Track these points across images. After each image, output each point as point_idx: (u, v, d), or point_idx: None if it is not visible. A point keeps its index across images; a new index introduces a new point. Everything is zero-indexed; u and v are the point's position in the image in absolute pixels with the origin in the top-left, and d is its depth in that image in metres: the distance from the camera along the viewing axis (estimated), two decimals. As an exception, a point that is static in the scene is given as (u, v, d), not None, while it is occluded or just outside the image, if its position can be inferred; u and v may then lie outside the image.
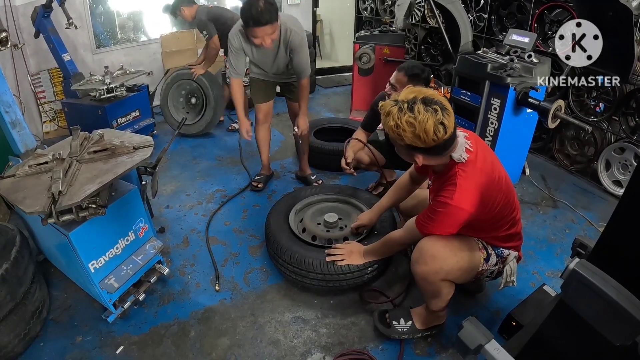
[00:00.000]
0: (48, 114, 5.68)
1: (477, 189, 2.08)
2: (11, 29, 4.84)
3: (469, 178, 2.08)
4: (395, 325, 2.58)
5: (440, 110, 1.93)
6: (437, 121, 1.92)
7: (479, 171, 2.10)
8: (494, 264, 2.41)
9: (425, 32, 6.19)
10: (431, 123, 1.92)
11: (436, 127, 1.93)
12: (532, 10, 4.44)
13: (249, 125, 3.88)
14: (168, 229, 3.69)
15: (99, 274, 2.57)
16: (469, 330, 1.74)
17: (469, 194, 2.07)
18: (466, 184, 2.07)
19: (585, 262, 1.45)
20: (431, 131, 1.92)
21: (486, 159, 2.18)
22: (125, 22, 6.46)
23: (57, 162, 2.46)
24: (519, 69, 3.53)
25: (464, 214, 2.09)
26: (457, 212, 2.09)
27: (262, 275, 3.18)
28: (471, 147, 2.13)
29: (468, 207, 2.08)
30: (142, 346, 2.61)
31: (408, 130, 1.95)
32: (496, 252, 2.41)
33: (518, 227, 2.44)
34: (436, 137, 1.94)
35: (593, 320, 1.45)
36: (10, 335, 2.42)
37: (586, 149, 4.34)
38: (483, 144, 2.28)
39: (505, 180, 2.24)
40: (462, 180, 2.07)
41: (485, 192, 2.11)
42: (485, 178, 2.11)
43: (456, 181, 2.07)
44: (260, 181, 4.37)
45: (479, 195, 2.08)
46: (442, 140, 1.97)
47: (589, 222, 3.72)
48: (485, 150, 2.22)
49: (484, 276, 2.45)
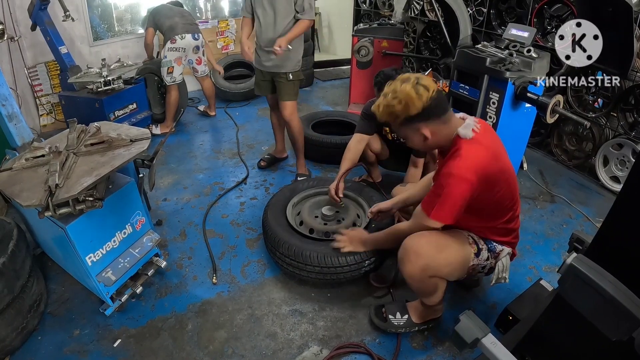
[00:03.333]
0: (45, 107, 5.65)
1: (480, 163, 2.08)
2: (8, 21, 4.81)
3: (473, 151, 2.09)
4: (392, 319, 2.58)
5: (414, 78, 2.10)
6: (413, 84, 2.07)
7: (484, 148, 2.12)
8: (486, 259, 2.39)
9: (424, 26, 6.17)
10: (409, 87, 2.06)
11: (415, 88, 2.05)
12: (532, 5, 4.43)
13: (250, 44, 3.93)
14: (165, 221, 3.69)
15: (96, 267, 2.56)
16: (465, 324, 1.75)
17: (472, 164, 2.07)
18: (470, 155, 2.08)
19: (582, 257, 1.46)
20: (413, 93, 2.04)
21: (493, 142, 2.21)
22: (123, 14, 6.42)
23: (54, 155, 2.45)
24: (518, 63, 3.53)
25: (467, 185, 2.06)
26: (460, 183, 2.07)
27: (259, 268, 3.18)
28: (479, 129, 2.16)
29: (471, 176, 2.05)
30: (140, 339, 2.61)
31: (394, 103, 2.09)
32: (489, 246, 2.39)
33: (516, 224, 2.43)
34: (420, 96, 2.05)
35: (590, 315, 1.45)
36: (7, 329, 2.42)
37: (584, 144, 4.35)
38: (492, 132, 2.32)
39: (509, 170, 2.25)
40: (466, 152, 2.09)
41: (489, 170, 2.11)
42: (489, 156, 2.12)
43: (460, 153, 2.10)
44: (265, 160, 4.66)
45: (482, 169, 2.08)
46: (429, 99, 2.06)
47: (586, 217, 3.73)
48: (493, 137, 2.26)
49: (476, 271, 2.44)
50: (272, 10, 3.65)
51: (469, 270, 2.38)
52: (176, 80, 5.33)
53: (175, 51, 5.21)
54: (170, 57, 5.21)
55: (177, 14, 5.29)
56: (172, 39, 5.15)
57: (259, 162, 4.64)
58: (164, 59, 5.23)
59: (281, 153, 4.71)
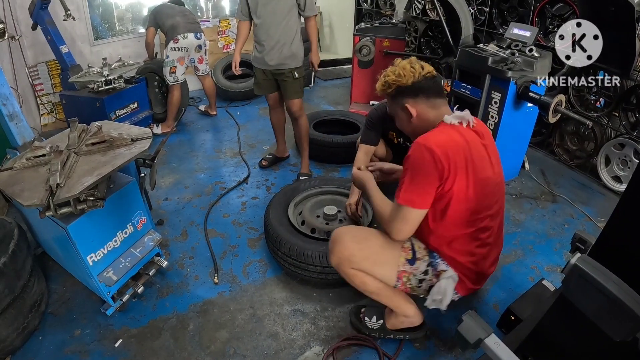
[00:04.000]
0: (46, 107, 5.66)
1: (447, 142, 2.02)
2: (8, 20, 4.82)
3: (446, 130, 2.10)
4: (367, 321, 2.57)
5: (415, 59, 2.21)
6: (411, 61, 2.19)
7: (460, 136, 2.08)
8: (423, 272, 2.24)
9: (425, 25, 6.16)
10: (406, 62, 2.19)
11: (412, 64, 2.17)
12: (534, 4, 4.41)
13: (238, 61, 4.05)
14: (167, 221, 3.69)
15: (97, 266, 2.56)
16: (468, 324, 1.74)
17: (437, 138, 2.03)
18: (441, 131, 2.10)
19: (586, 257, 1.45)
20: (408, 66, 2.16)
21: (475, 141, 2.13)
22: (124, 13, 6.42)
23: (55, 154, 2.45)
24: (520, 62, 3.53)
25: (429, 155, 1.96)
26: (425, 154, 1.97)
27: (261, 267, 3.17)
28: (471, 126, 2.16)
29: (436, 147, 1.96)
30: (141, 339, 2.61)
31: (390, 73, 2.20)
32: (431, 260, 2.24)
33: (480, 249, 2.23)
34: (413, 70, 2.15)
35: (593, 315, 1.44)
36: (8, 329, 2.42)
37: (586, 144, 4.33)
38: (489, 135, 2.27)
39: (485, 179, 2.11)
40: (438, 130, 2.12)
41: (455, 157, 1.99)
42: (460, 144, 2.04)
43: (432, 130, 2.13)
44: (267, 160, 4.66)
45: (447, 148, 1.99)
46: (422, 76, 2.15)
47: (588, 217, 3.72)
48: (482, 139, 2.17)
49: (412, 284, 2.28)
50: (273, 8, 3.65)
51: (400, 277, 2.26)
52: (178, 80, 5.34)
53: (177, 51, 5.21)
54: (172, 57, 5.21)
55: (178, 13, 5.28)
56: (174, 39, 5.14)
57: (260, 161, 4.64)
58: (166, 58, 5.23)
59: (282, 153, 4.70)
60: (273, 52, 3.76)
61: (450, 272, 2.21)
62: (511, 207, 3.83)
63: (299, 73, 3.87)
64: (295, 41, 3.78)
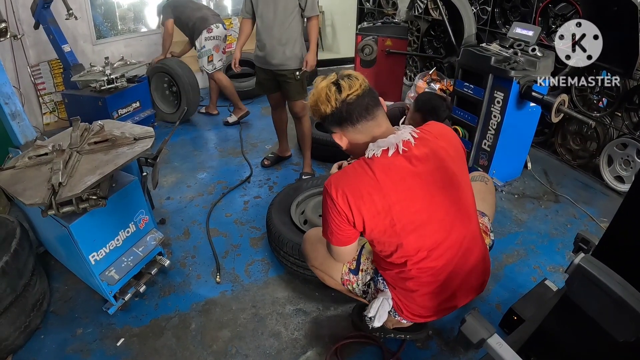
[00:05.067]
0: (48, 106, 5.67)
1: (348, 180, 1.83)
2: (10, 19, 4.82)
3: (352, 167, 1.88)
4: (367, 320, 2.54)
5: (343, 76, 1.90)
6: (329, 82, 1.89)
7: (370, 174, 1.82)
8: (365, 284, 2.22)
9: (427, 25, 6.16)
10: (325, 84, 1.89)
11: (329, 86, 1.86)
12: (536, 4, 4.41)
13: (238, 58, 4.09)
14: (169, 220, 3.69)
15: (99, 265, 2.57)
16: (471, 324, 1.73)
17: (337, 178, 1.86)
18: (346, 170, 1.89)
19: (590, 258, 1.44)
20: (324, 91, 1.86)
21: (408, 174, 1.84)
22: (126, 12, 6.44)
23: (57, 153, 2.45)
24: (523, 62, 3.52)
25: (329, 199, 1.85)
26: (327, 198, 1.87)
27: (263, 267, 3.17)
28: (401, 152, 1.84)
29: (331, 190, 1.82)
30: (143, 338, 2.61)
31: (310, 98, 1.95)
32: (376, 276, 2.18)
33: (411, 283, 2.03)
34: (329, 94, 1.85)
35: (597, 315, 1.44)
36: (10, 328, 2.43)
37: (588, 144, 4.32)
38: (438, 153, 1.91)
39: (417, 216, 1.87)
40: (351, 167, 1.88)
41: (365, 202, 1.80)
42: (364, 180, 1.82)
43: (346, 168, 1.92)
44: (269, 159, 4.66)
45: (345, 186, 1.81)
46: (339, 102, 1.84)
47: (591, 217, 3.71)
48: (416, 166, 1.85)
49: (355, 291, 2.27)
50: (275, 8, 3.64)
51: (344, 283, 2.28)
52: (217, 67, 5.44)
53: (213, 40, 5.31)
54: (209, 46, 5.29)
55: (202, 6, 5.42)
56: (208, 29, 5.23)
57: (262, 160, 4.64)
58: (202, 49, 5.31)
59: (285, 152, 4.69)
60: (275, 53, 3.75)
61: (387, 293, 2.12)
62: (514, 207, 3.83)
63: (300, 74, 3.86)
64: (298, 42, 3.78)
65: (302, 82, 3.91)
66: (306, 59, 3.81)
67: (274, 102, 4.24)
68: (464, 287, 2.11)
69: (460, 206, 1.98)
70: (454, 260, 2.00)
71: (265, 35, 3.75)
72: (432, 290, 2.03)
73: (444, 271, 1.99)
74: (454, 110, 4.12)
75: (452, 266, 2.00)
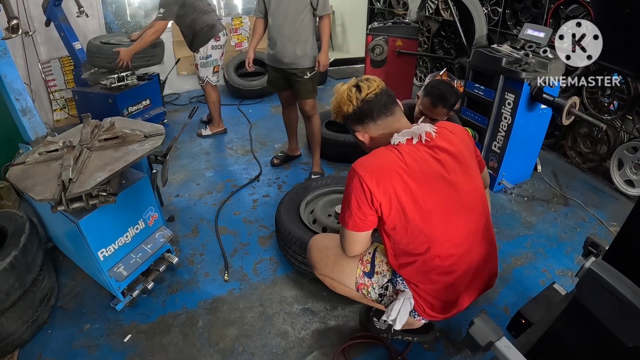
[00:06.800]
0: (58, 102, 5.69)
1: (383, 167, 1.90)
2: (22, 17, 4.84)
3: (383, 154, 1.95)
4: (376, 322, 2.54)
5: (362, 80, 2.07)
6: (350, 85, 2.07)
7: (399, 156, 1.91)
8: (383, 287, 2.19)
9: (438, 25, 6.15)
10: (346, 87, 2.07)
11: (349, 89, 2.05)
12: (548, 5, 4.39)
13: (252, 57, 4.05)
14: (177, 217, 3.70)
15: (108, 262, 2.58)
16: (479, 327, 1.73)
17: (373, 161, 1.92)
18: (379, 154, 1.95)
19: (601, 262, 1.44)
20: (345, 94, 2.04)
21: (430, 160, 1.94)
22: (136, 10, 6.47)
23: (68, 149, 2.46)
24: (534, 64, 3.50)
25: (356, 180, 1.89)
26: (354, 178, 1.90)
27: (271, 265, 3.18)
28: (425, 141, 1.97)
29: (364, 172, 1.87)
30: (150, 335, 2.62)
31: (332, 101, 2.12)
32: (393, 277, 2.16)
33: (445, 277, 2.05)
34: (350, 96, 2.03)
35: (607, 320, 1.43)
36: (18, 322, 2.44)
37: (599, 147, 4.30)
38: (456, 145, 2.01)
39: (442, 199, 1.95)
40: (378, 152, 1.97)
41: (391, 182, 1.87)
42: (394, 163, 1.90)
43: (374, 152, 1.99)
44: (278, 158, 4.66)
45: (376, 169, 1.89)
46: (359, 101, 2.02)
47: (600, 221, 3.69)
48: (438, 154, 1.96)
49: (370, 295, 2.23)
50: (287, 7, 3.66)
51: (359, 288, 2.23)
52: (218, 81, 5.11)
53: (219, 49, 4.93)
54: (216, 56, 4.91)
55: (211, 9, 4.91)
56: (216, 37, 4.83)
57: (272, 159, 4.65)
58: (208, 57, 4.88)
59: (294, 151, 4.70)
60: (286, 51, 3.76)
61: (408, 293, 2.11)
62: (523, 210, 3.81)
63: (311, 73, 3.87)
64: (309, 41, 3.79)
65: (312, 81, 3.92)
66: (318, 59, 3.81)
67: (284, 100, 4.26)
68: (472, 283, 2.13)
69: (476, 198, 2.06)
70: (471, 250, 2.06)
71: (276, 33, 3.76)
72: (452, 281, 2.05)
73: (463, 261, 2.03)
74: (463, 111, 4.11)
75: (469, 256, 2.05)
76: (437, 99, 3.02)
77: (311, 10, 3.73)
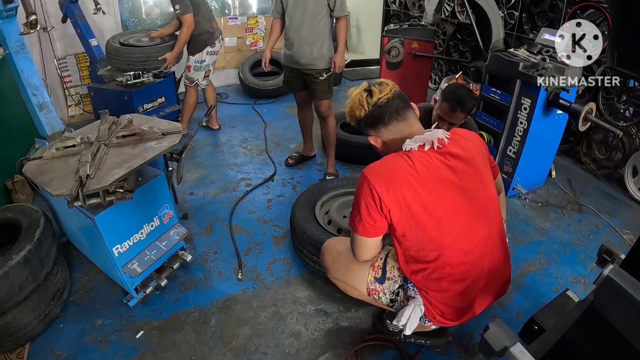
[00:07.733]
0: (74, 98, 5.74)
1: (387, 168, 1.91)
2: (38, 13, 4.87)
3: (394, 160, 1.93)
4: (389, 324, 2.53)
5: (374, 84, 2.05)
6: (362, 89, 2.06)
7: (410, 163, 1.89)
8: (394, 293, 2.19)
9: (454, 28, 6.13)
10: (358, 91, 2.06)
11: (361, 93, 2.03)
12: (565, 10, 4.37)
13: (268, 57, 4.05)
14: (192, 215, 3.71)
15: (122, 258, 2.60)
16: (494, 332, 1.72)
17: (384, 168, 1.91)
18: (390, 160, 1.94)
19: (619, 269, 1.43)
20: (357, 97, 2.04)
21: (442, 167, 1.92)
22: (152, 8, 6.50)
23: (86, 145, 2.48)
24: (551, 68, 3.48)
25: (365, 185, 1.89)
26: (364, 183, 1.90)
27: (285, 265, 3.18)
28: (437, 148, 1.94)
29: (371, 176, 1.88)
30: (162, 332, 2.63)
31: (346, 105, 2.12)
32: (404, 284, 2.16)
33: (456, 286, 2.03)
34: (361, 100, 2.02)
35: (624, 328, 1.42)
36: (30, 316, 2.47)
37: (613, 153, 4.27)
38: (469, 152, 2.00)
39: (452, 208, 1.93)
40: (389, 158, 1.95)
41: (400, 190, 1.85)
42: (403, 170, 1.88)
43: (384, 158, 1.98)
44: (293, 158, 4.68)
45: (386, 174, 1.88)
46: (371, 105, 2.00)
47: (614, 228, 3.66)
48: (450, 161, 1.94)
49: (382, 300, 2.24)
50: (304, 8, 3.67)
51: (370, 293, 2.24)
52: (206, 85, 5.16)
53: (214, 55, 4.99)
54: (209, 61, 4.98)
55: (211, 15, 4.91)
56: (212, 44, 4.89)
57: (286, 159, 4.67)
58: (202, 62, 4.94)
59: (309, 151, 4.71)
60: (302, 52, 3.78)
61: (418, 299, 2.10)
62: (537, 215, 3.79)
63: (327, 74, 3.87)
64: (325, 42, 3.79)
65: (328, 81, 3.92)
66: (334, 60, 3.81)
67: (300, 100, 4.27)
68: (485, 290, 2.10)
69: (488, 204, 2.04)
70: (483, 257, 2.02)
71: (293, 34, 3.77)
72: (463, 289, 2.03)
73: (474, 269, 2.01)
74: (479, 115, 4.10)
75: (481, 264, 2.02)
76: (456, 104, 3.01)
77: (328, 12, 3.73)
